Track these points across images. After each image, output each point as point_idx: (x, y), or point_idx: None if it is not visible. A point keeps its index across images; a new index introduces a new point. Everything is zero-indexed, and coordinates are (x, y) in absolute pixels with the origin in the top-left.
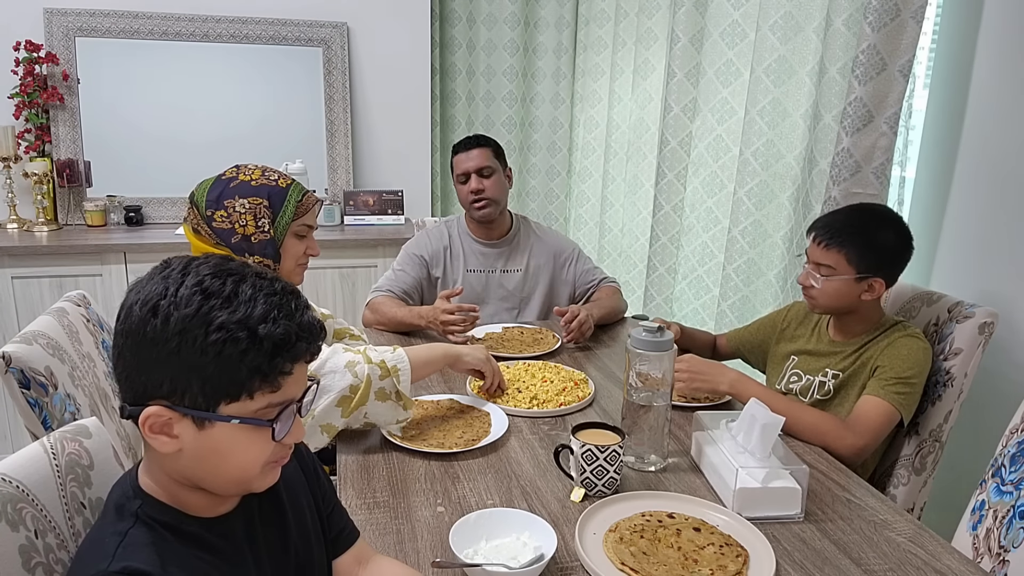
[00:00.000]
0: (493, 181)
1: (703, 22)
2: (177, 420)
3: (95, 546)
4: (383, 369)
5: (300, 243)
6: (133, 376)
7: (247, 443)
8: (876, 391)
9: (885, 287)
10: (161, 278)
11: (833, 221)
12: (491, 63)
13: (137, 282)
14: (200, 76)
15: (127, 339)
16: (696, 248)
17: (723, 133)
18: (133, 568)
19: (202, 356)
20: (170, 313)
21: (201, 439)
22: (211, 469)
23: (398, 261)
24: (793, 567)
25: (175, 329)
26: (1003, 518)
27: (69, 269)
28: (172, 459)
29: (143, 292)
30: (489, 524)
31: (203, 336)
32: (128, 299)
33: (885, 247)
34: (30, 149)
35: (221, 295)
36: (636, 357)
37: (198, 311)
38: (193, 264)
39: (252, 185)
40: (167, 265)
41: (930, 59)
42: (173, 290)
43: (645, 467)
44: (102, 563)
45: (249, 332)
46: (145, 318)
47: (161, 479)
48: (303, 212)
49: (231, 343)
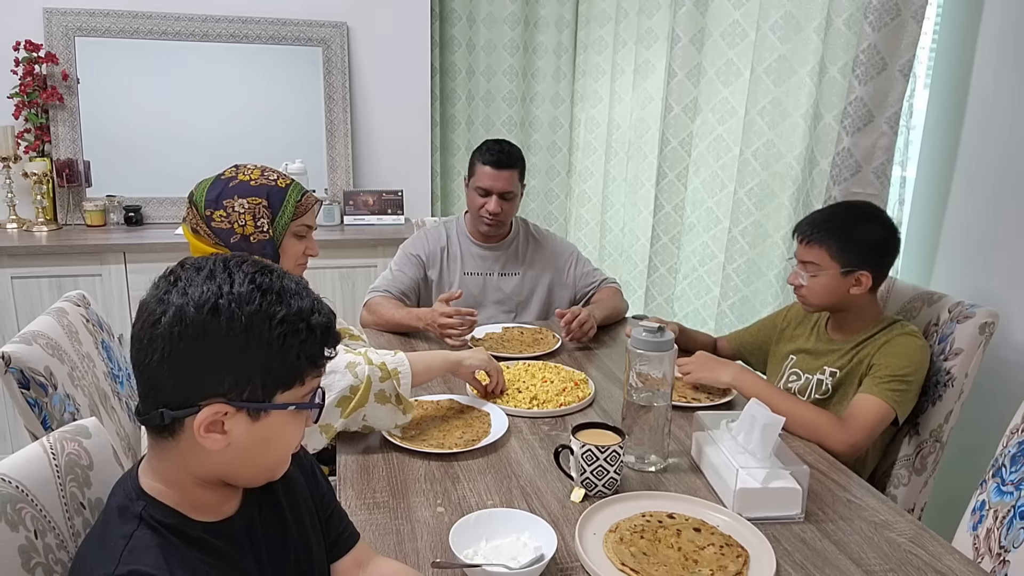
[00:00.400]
0: (511, 205)
1: (704, 22)
2: (232, 415)
3: (99, 548)
4: (383, 371)
5: (299, 243)
6: (186, 378)
7: (293, 427)
8: (871, 389)
9: (872, 280)
10: (205, 279)
11: (815, 219)
12: (491, 63)
13: (167, 285)
14: (200, 76)
15: (181, 342)
16: (697, 248)
17: (724, 133)
18: (140, 571)
19: (268, 349)
20: (234, 311)
21: (254, 430)
22: (255, 459)
23: (395, 261)
24: (793, 567)
25: (242, 326)
26: (1003, 518)
27: (69, 269)
28: (210, 456)
29: (191, 293)
30: (489, 524)
31: (268, 330)
32: (167, 301)
33: (867, 240)
34: (30, 149)
35: (273, 290)
36: (636, 357)
37: (260, 307)
38: (232, 263)
39: (251, 185)
40: (198, 268)
41: (930, 59)
42: (228, 288)
43: (645, 467)
44: (108, 566)
45: (306, 323)
46: (205, 319)
47: (171, 479)
48: (302, 212)
49: (292, 335)
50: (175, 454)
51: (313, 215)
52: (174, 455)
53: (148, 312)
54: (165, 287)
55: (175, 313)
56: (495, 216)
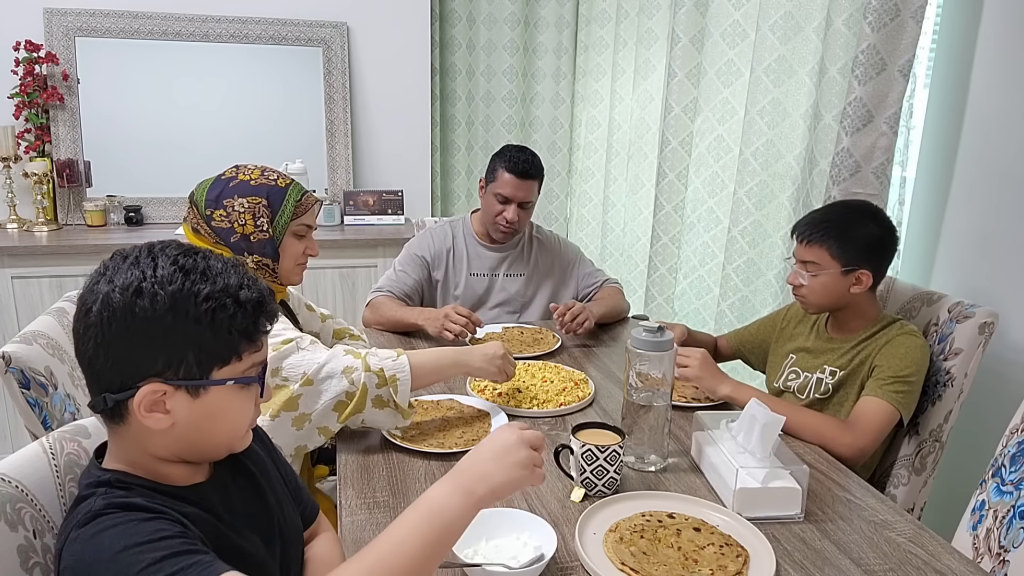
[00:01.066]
0: (527, 213)
1: (704, 22)
2: (171, 394)
3: (69, 519)
4: (381, 377)
5: (299, 243)
6: (120, 362)
7: (238, 402)
8: (875, 391)
9: (872, 278)
10: (129, 265)
11: (814, 218)
12: (491, 63)
13: (96, 276)
14: (200, 76)
15: (110, 326)
16: (697, 248)
17: (724, 133)
18: (118, 501)
19: (196, 326)
20: (156, 292)
21: (196, 407)
22: (205, 435)
23: (399, 261)
24: (793, 567)
25: (165, 306)
26: (1003, 518)
27: (69, 269)
28: (161, 435)
29: (116, 281)
30: (489, 524)
31: (194, 307)
32: (96, 291)
33: (866, 238)
34: (30, 149)
35: (197, 270)
36: (636, 357)
37: (183, 286)
38: (156, 248)
39: (251, 185)
40: (124, 256)
41: (930, 59)
42: (151, 272)
43: (645, 467)
44: (84, 510)
45: (233, 298)
46: (131, 302)
47: (133, 460)
48: (302, 212)
49: (220, 309)
50: (129, 437)
51: (313, 215)
52: (128, 438)
53: (81, 303)
54: (95, 278)
55: (103, 300)
56: (511, 224)
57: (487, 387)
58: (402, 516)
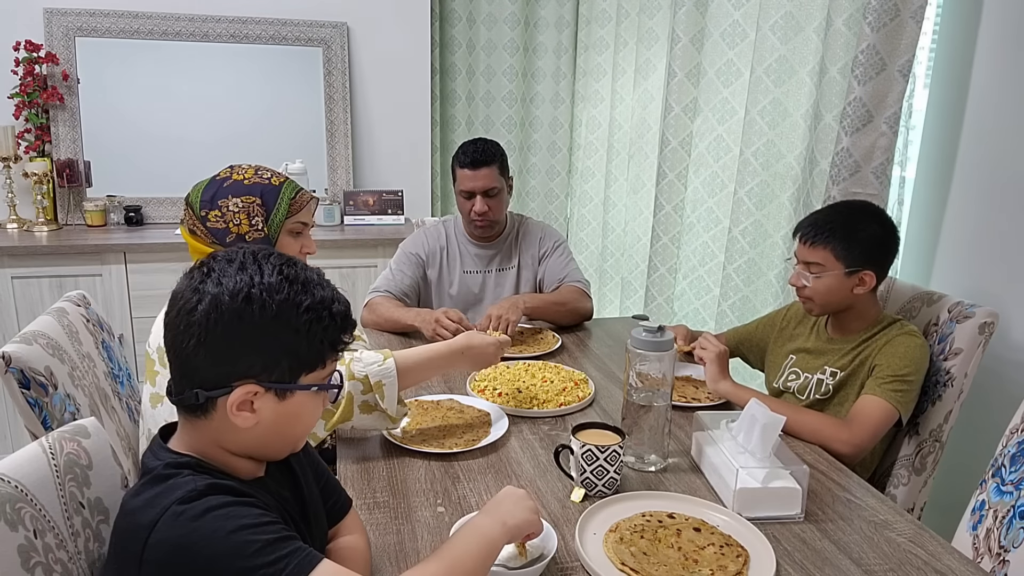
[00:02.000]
0: (497, 201)
1: (704, 22)
2: (261, 395)
3: (164, 491)
4: (365, 384)
5: (295, 241)
6: (219, 361)
7: (314, 406)
8: (874, 390)
9: (876, 279)
10: (237, 270)
11: (817, 219)
12: (491, 63)
13: (200, 276)
14: (200, 76)
15: (216, 327)
16: (697, 248)
17: (724, 133)
18: (221, 483)
19: (295, 335)
20: (265, 300)
21: (279, 409)
22: (281, 436)
23: (395, 260)
24: (793, 567)
25: (272, 313)
26: (1003, 518)
27: (69, 269)
28: (242, 433)
29: (225, 283)
30: None
31: (295, 317)
32: (202, 290)
33: (870, 239)
34: (30, 149)
35: (299, 281)
36: (636, 357)
37: (288, 295)
38: (260, 255)
39: (245, 184)
40: (228, 259)
41: (930, 59)
42: (258, 279)
43: (645, 467)
44: (187, 485)
45: (328, 311)
46: (240, 307)
47: (205, 451)
48: (297, 209)
49: (317, 321)
50: (208, 431)
51: (309, 212)
52: (207, 432)
53: (184, 300)
54: (200, 277)
55: (211, 301)
56: (484, 216)
57: (487, 387)
58: (456, 537)
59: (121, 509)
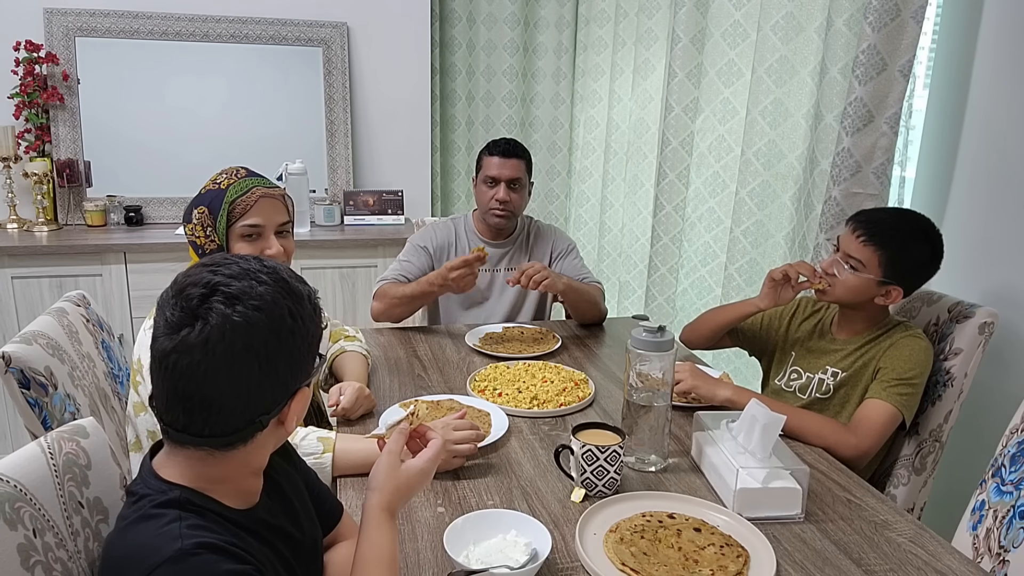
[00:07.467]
0: (519, 195)
1: (704, 22)
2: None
3: (149, 535)
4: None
5: (251, 246)
6: (282, 379)
7: (304, 400)
8: (879, 393)
9: (901, 296)
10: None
11: (880, 219)
12: (491, 63)
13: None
14: (200, 76)
15: (280, 345)
16: (698, 248)
17: (725, 133)
18: (208, 542)
19: (318, 330)
20: (297, 312)
21: (295, 406)
22: (288, 431)
23: (404, 253)
24: (794, 567)
25: (307, 325)
26: (1003, 518)
27: (69, 269)
28: (273, 442)
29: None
30: (476, 528)
31: (315, 325)
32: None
33: (917, 259)
34: (30, 149)
35: (303, 293)
36: (636, 357)
37: (314, 309)
38: (281, 270)
39: (203, 193)
40: (244, 274)
41: (930, 59)
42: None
43: (645, 467)
44: (173, 543)
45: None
46: (287, 323)
47: (221, 478)
48: (241, 212)
49: (319, 318)
50: (237, 458)
51: (262, 212)
52: (234, 460)
53: (212, 344)
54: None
55: (268, 315)
56: (505, 205)
57: (487, 387)
58: (361, 540)
59: (106, 550)
